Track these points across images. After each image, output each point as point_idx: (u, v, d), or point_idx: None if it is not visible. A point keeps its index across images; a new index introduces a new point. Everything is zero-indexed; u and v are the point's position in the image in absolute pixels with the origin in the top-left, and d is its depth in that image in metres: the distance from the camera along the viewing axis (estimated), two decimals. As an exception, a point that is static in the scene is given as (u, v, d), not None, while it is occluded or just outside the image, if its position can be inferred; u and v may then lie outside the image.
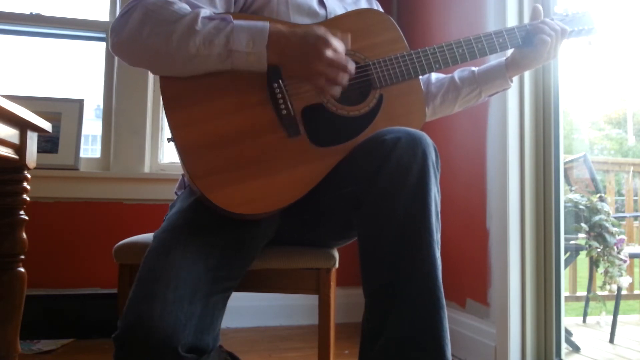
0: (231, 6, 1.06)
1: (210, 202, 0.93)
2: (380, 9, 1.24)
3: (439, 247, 0.89)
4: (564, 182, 1.80)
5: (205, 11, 0.97)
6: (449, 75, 1.29)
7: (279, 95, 0.98)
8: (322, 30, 0.96)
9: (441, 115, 1.33)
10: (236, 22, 0.96)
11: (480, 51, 1.11)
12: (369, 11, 1.12)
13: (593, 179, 2.84)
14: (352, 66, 0.97)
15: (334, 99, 1.00)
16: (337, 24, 1.08)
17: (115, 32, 0.98)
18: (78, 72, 2.67)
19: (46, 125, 1.23)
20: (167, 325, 0.79)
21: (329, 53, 0.94)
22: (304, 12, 1.10)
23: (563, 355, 1.67)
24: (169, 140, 0.98)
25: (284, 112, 0.98)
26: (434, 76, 1.30)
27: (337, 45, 0.95)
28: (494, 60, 1.26)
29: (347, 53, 1.04)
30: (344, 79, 0.96)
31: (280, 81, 0.98)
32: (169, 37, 0.94)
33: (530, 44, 1.15)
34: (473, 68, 1.26)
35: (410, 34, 2.38)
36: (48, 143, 2.22)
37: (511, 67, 1.20)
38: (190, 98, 0.97)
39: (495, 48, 1.13)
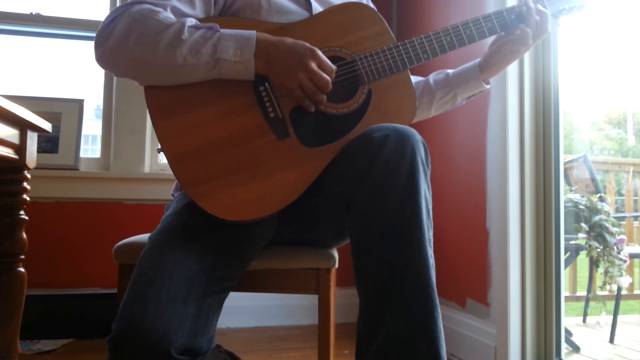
0: (211, 6, 1.06)
1: (203, 209, 0.93)
2: (371, 4, 1.22)
3: (432, 245, 0.88)
4: (564, 182, 1.80)
5: (191, 20, 0.97)
6: (424, 78, 1.27)
7: (266, 99, 0.98)
8: (310, 43, 0.97)
9: (418, 119, 1.30)
10: (223, 30, 0.95)
11: (469, 37, 1.08)
12: (353, 5, 1.08)
13: (593, 179, 2.84)
14: (330, 87, 0.97)
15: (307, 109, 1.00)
16: (321, 19, 1.06)
17: (100, 42, 0.97)
18: (78, 72, 2.68)
19: (46, 125, 1.23)
20: (160, 328, 0.79)
21: (314, 66, 0.95)
22: (287, 11, 1.09)
23: (563, 355, 1.67)
24: (158, 150, 0.98)
25: (272, 114, 0.98)
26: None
27: (324, 61, 0.96)
28: (486, 48, 1.23)
29: (333, 49, 1.03)
30: (320, 96, 0.97)
31: (267, 84, 0.98)
32: (156, 47, 0.93)
33: (515, 28, 1.10)
34: (448, 71, 1.23)
35: (410, 33, 2.38)
36: (48, 143, 2.22)
37: (484, 68, 1.17)
38: (176, 107, 0.97)
39: (484, 33, 1.09)
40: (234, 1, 1.07)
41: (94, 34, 0.99)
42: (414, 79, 1.28)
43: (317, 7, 1.13)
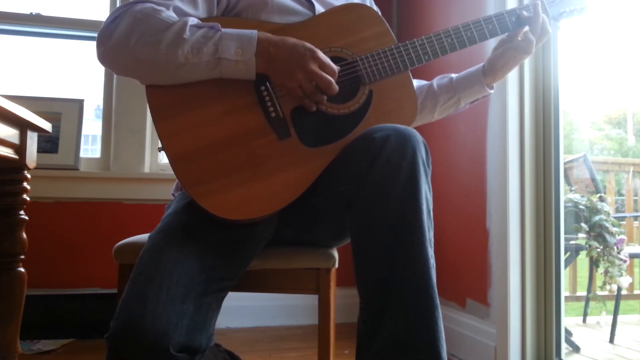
0: (214, 6, 1.06)
1: (204, 209, 0.93)
2: (374, 6, 1.23)
3: (432, 245, 0.88)
4: (564, 182, 1.80)
5: (193, 19, 0.97)
6: (428, 82, 1.27)
7: (267, 98, 0.98)
8: (312, 44, 0.97)
9: (421, 123, 1.31)
10: (224, 30, 0.96)
11: (470, 39, 1.08)
12: (354, 6, 1.09)
13: (593, 179, 2.84)
14: (335, 87, 0.97)
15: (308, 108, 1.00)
16: (323, 19, 1.07)
17: (102, 41, 0.97)
18: (78, 72, 2.68)
19: (46, 125, 1.23)
20: (159, 325, 0.79)
21: (314, 67, 0.95)
22: (290, 11, 1.09)
23: (563, 355, 1.67)
24: (159, 149, 0.98)
25: (273, 114, 0.98)
26: (414, 83, 1.28)
27: (325, 62, 0.97)
28: (489, 52, 1.23)
29: (335, 50, 1.03)
30: (319, 96, 0.97)
31: (268, 84, 0.98)
32: (157, 46, 0.93)
33: (517, 32, 1.11)
34: (452, 75, 1.24)
35: (410, 34, 2.38)
36: (48, 143, 2.22)
37: (488, 73, 1.17)
38: (178, 106, 0.97)
39: (485, 35, 1.09)
40: (237, 2, 1.07)
41: (94, 34, 0.99)
42: (418, 82, 1.29)
43: (319, 8, 1.13)
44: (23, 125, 1.16)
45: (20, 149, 1.16)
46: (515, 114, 1.71)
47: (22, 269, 1.20)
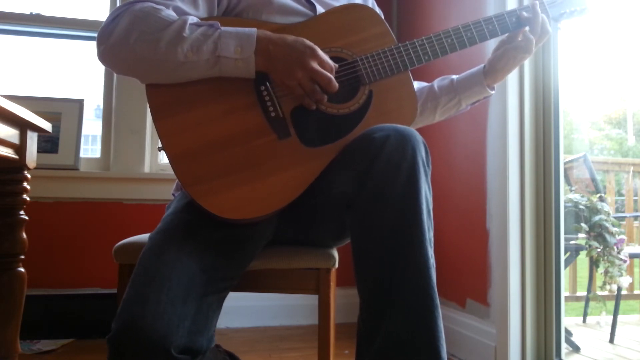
0: (214, 7, 1.06)
1: (204, 209, 0.93)
2: (376, 7, 1.23)
3: (432, 245, 0.88)
4: (564, 182, 1.80)
5: (193, 18, 0.97)
6: (429, 84, 1.28)
7: (267, 98, 0.98)
8: (311, 42, 0.97)
9: (422, 125, 1.31)
10: (224, 28, 0.96)
11: (470, 40, 1.08)
12: (354, 6, 1.09)
13: (593, 179, 2.84)
14: (335, 84, 0.97)
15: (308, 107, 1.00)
16: (323, 20, 1.07)
17: (102, 40, 0.97)
18: (78, 72, 2.68)
19: (46, 125, 1.23)
20: (160, 327, 0.79)
21: (314, 64, 0.95)
22: (291, 12, 1.09)
23: (563, 355, 1.67)
24: (159, 149, 0.98)
25: (273, 114, 0.98)
26: (415, 85, 1.29)
27: (325, 59, 0.97)
28: (490, 53, 1.23)
29: (335, 50, 1.03)
30: (319, 94, 0.97)
31: (268, 83, 0.98)
32: (157, 45, 0.93)
33: (517, 33, 1.11)
34: (453, 76, 1.24)
35: (411, 34, 2.38)
36: (48, 143, 2.22)
37: (489, 74, 1.17)
38: (178, 106, 0.97)
39: (485, 36, 1.09)
40: (238, 2, 1.07)
41: (94, 34, 0.99)
42: (419, 84, 1.29)
43: (320, 9, 1.13)
44: (23, 125, 1.16)
45: (20, 149, 1.16)
46: (515, 114, 1.71)
47: (22, 269, 1.20)
